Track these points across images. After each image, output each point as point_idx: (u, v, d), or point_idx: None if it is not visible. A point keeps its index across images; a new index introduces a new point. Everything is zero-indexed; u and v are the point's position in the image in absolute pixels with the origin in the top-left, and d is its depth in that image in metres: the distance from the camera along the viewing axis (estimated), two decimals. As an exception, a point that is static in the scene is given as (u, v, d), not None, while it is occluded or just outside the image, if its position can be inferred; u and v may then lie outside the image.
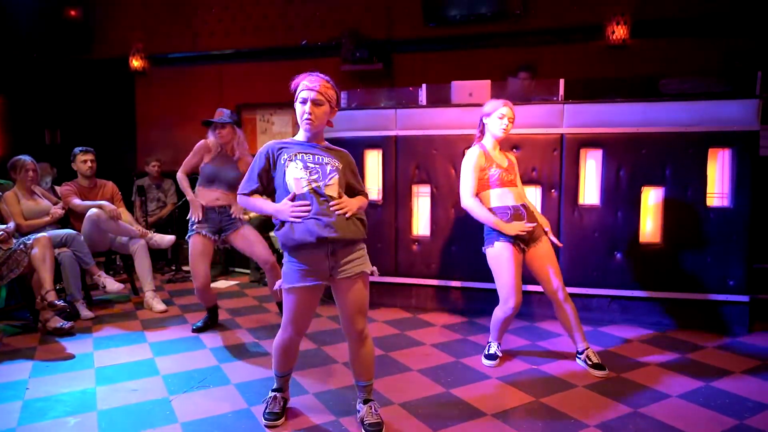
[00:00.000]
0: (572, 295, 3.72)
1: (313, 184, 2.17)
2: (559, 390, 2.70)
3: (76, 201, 4.30)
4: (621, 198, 3.68)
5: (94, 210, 4.13)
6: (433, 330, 3.65)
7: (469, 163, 2.99)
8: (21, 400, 2.58)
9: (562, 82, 3.89)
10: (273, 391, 2.45)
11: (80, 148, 4.44)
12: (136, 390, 2.70)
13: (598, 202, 3.74)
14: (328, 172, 2.20)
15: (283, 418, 2.38)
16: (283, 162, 2.21)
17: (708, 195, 3.59)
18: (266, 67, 6.35)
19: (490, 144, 3.05)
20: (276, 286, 2.29)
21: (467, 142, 3.90)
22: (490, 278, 3.89)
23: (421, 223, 4.12)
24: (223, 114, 3.58)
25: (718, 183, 3.63)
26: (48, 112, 7.00)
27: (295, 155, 2.21)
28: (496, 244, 2.93)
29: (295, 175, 2.18)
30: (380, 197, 4.13)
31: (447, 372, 2.93)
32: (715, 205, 3.61)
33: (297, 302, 2.23)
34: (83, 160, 4.39)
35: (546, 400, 2.59)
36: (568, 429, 2.33)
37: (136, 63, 6.54)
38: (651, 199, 3.71)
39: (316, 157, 2.22)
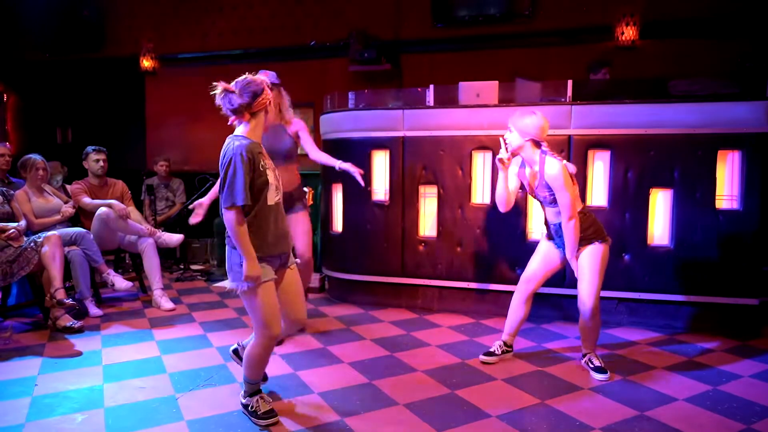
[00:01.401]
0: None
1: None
2: (565, 392, 2.69)
3: (86, 200, 4.34)
4: (629, 200, 3.65)
5: (103, 209, 4.17)
6: (439, 331, 3.64)
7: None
8: (29, 397, 2.61)
9: (570, 83, 3.87)
10: (253, 395, 2.40)
11: (93, 147, 4.48)
12: (144, 387, 2.72)
13: (605, 203, 3.71)
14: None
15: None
16: (262, 168, 2.26)
17: (717, 197, 3.56)
18: (275, 68, 6.25)
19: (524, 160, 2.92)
20: (239, 287, 2.22)
21: (474, 143, 3.91)
22: (497, 280, 3.90)
23: (427, 224, 4.11)
24: (269, 75, 3.35)
25: (727, 185, 3.59)
26: (60, 111, 7.07)
27: (266, 163, 2.30)
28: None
29: (272, 183, 2.30)
30: (387, 198, 4.13)
31: (452, 373, 2.92)
32: (725, 207, 3.57)
33: (272, 294, 2.27)
34: (95, 159, 4.43)
35: (551, 402, 2.58)
36: (573, 431, 2.31)
37: (146, 63, 6.60)
38: (659, 201, 3.68)
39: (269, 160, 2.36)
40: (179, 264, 5.59)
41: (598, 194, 3.75)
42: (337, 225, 4.37)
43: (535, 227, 3.86)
